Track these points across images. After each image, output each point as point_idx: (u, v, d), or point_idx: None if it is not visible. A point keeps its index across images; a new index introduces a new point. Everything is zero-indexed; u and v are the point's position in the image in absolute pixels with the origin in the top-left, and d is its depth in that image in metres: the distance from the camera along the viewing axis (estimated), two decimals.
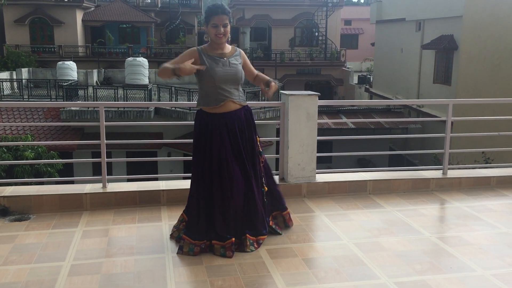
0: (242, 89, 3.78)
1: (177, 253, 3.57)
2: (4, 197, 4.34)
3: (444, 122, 5.46)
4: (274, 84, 3.74)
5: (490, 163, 14.40)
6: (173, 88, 18.93)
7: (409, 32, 23.49)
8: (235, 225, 3.60)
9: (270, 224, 3.89)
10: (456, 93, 18.81)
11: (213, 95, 3.59)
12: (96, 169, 17.04)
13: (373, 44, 30.68)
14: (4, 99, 20.71)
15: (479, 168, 5.94)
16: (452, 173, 5.41)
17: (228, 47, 3.70)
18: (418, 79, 22.59)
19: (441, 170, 5.41)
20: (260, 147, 3.80)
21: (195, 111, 3.75)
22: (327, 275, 3.29)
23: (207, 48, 3.65)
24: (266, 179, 3.88)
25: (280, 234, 3.90)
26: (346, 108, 24.13)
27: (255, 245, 3.64)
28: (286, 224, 4.03)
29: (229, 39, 3.69)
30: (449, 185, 5.25)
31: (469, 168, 6.00)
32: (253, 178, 3.67)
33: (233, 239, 3.56)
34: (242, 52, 3.83)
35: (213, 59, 3.59)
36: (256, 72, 3.92)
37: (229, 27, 3.61)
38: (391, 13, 25.83)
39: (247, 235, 3.62)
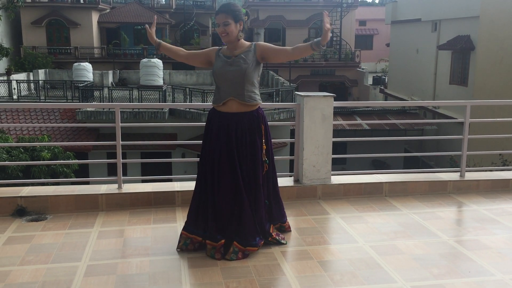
0: (254, 89, 3.58)
1: (176, 249, 3.61)
2: (21, 197, 4.39)
3: (460, 123, 5.39)
4: (326, 28, 3.26)
5: (508, 165, 14.19)
6: (187, 89, 19.01)
7: (424, 33, 23.27)
8: (223, 227, 3.54)
9: (273, 236, 3.73)
10: (473, 94, 18.59)
11: (217, 93, 3.64)
12: (111, 170, 17.18)
13: (388, 45, 30.43)
14: (21, 100, 20.99)
15: (497, 170, 5.85)
16: (470, 176, 5.34)
17: (243, 46, 3.59)
18: (434, 80, 22.35)
19: (459, 172, 5.34)
20: (265, 156, 3.62)
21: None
22: (343, 278, 3.26)
23: (223, 49, 3.68)
24: (271, 189, 3.77)
25: (285, 244, 3.76)
26: (360, 109, 23.98)
27: (239, 255, 3.48)
28: (284, 231, 3.95)
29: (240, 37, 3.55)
30: (466, 188, 5.17)
31: (486, 171, 5.91)
32: (249, 186, 3.55)
33: (223, 241, 3.51)
34: (261, 44, 3.61)
35: (221, 58, 3.60)
36: (290, 48, 3.54)
37: (232, 26, 3.48)
38: (407, 14, 25.61)
39: (235, 242, 3.51)
